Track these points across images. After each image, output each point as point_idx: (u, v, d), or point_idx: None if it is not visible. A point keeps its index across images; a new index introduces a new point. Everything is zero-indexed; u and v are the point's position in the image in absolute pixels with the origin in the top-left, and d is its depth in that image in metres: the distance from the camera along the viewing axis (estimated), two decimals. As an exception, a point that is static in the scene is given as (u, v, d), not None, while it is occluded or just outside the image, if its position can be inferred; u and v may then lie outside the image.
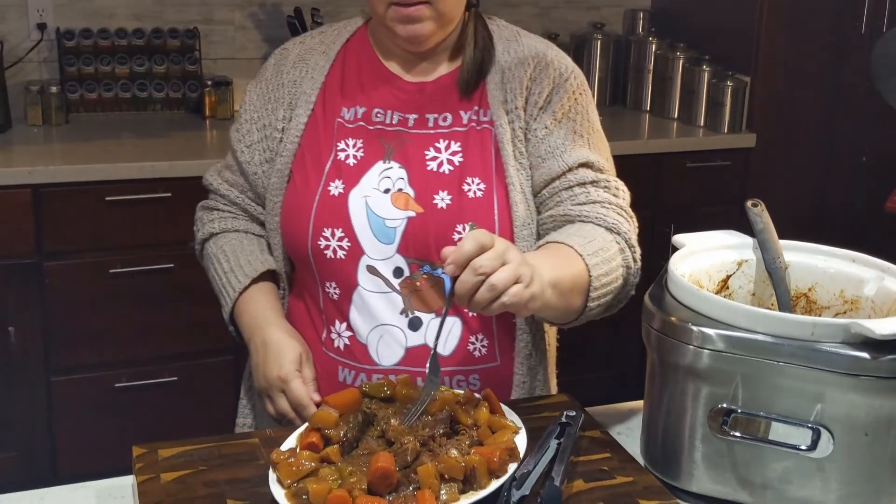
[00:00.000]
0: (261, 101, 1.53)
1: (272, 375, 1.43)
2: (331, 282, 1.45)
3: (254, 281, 1.50)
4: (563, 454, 1.17)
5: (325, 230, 1.42)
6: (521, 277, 1.17)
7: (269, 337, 1.45)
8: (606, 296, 1.35)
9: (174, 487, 1.14)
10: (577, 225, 1.39)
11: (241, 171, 1.55)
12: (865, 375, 1.09)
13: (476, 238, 1.15)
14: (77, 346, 2.78)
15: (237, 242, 1.56)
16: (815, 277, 1.36)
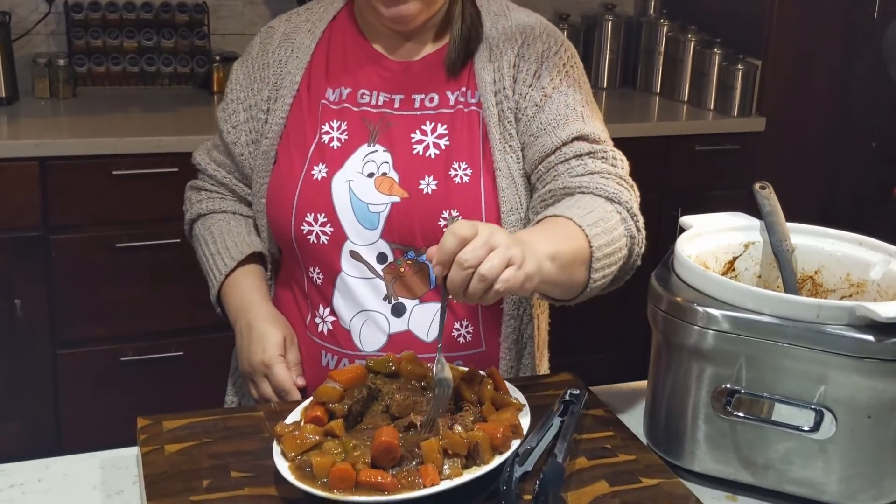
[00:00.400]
0: (247, 80, 1.52)
1: (256, 360, 1.43)
2: (314, 267, 1.44)
3: (240, 263, 1.50)
4: (567, 432, 1.17)
5: (307, 215, 1.41)
6: (513, 260, 1.12)
7: (254, 321, 1.45)
8: (611, 267, 1.31)
9: (178, 459, 1.15)
10: (576, 197, 1.36)
11: (228, 151, 1.54)
12: (870, 358, 1.09)
13: (455, 232, 1.09)
14: (83, 320, 2.79)
15: (224, 224, 1.55)
16: (821, 260, 1.35)
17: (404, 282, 1.42)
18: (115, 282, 2.79)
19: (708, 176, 3.37)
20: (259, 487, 1.09)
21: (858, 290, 1.32)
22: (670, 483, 1.14)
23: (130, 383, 2.85)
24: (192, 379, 2.86)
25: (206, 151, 1.60)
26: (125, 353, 2.84)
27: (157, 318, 2.85)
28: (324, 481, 1.04)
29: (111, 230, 2.76)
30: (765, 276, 1.37)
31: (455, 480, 1.06)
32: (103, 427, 2.72)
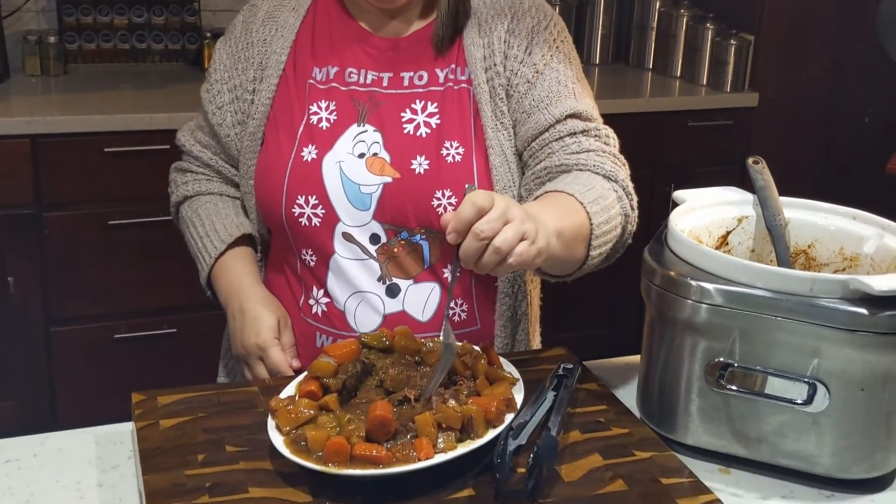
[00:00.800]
0: (231, 60, 1.49)
1: (250, 343, 1.42)
2: (306, 249, 1.43)
3: (230, 246, 1.48)
4: (560, 405, 1.17)
5: (298, 197, 1.39)
6: (527, 234, 1.12)
7: (246, 304, 1.44)
8: (606, 244, 1.32)
9: (173, 433, 1.15)
10: (574, 174, 1.36)
11: (214, 132, 1.52)
12: (863, 331, 1.09)
13: (474, 202, 1.09)
14: (76, 297, 2.79)
15: (212, 206, 1.53)
16: (814, 234, 1.36)
17: (398, 262, 1.41)
18: (108, 259, 2.78)
19: (701, 151, 3.37)
20: (254, 461, 1.09)
21: (852, 264, 1.32)
22: (663, 456, 1.14)
23: (124, 360, 2.85)
24: (185, 356, 2.86)
25: (190, 132, 1.58)
26: (118, 330, 2.84)
27: (149, 295, 2.85)
28: (319, 455, 1.04)
29: (103, 207, 2.76)
30: (758, 250, 1.38)
31: (449, 454, 1.06)
32: (97, 404, 2.72)
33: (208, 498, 1.03)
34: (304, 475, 1.05)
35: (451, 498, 1.04)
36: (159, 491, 1.04)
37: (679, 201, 1.36)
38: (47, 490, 1.13)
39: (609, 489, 1.07)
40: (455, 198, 1.37)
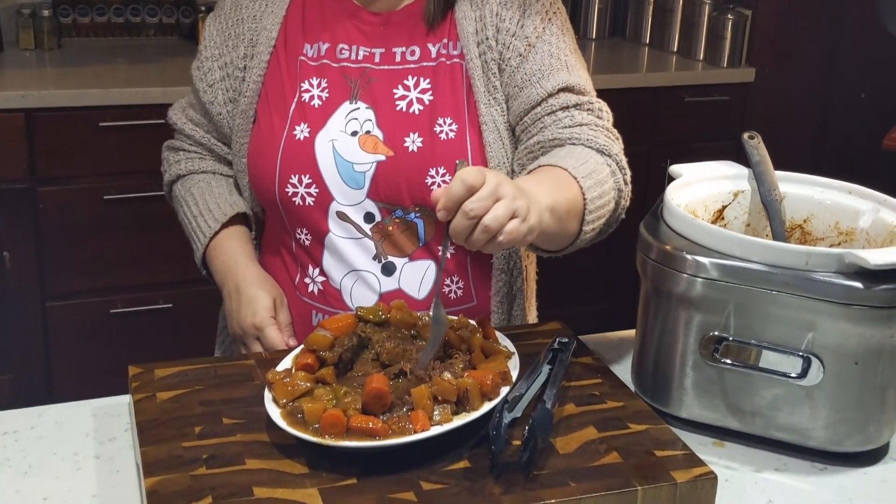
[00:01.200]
0: (221, 37, 1.48)
1: (246, 323, 1.42)
2: (301, 228, 1.43)
3: (224, 225, 1.48)
4: (555, 379, 1.18)
5: (291, 177, 1.39)
6: (518, 211, 1.10)
7: (242, 284, 1.44)
8: (600, 220, 1.31)
9: (170, 406, 1.15)
10: (567, 148, 1.35)
11: (205, 110, 1.50)
12: (858, 305, 1.10)
13: (464, 179, 1.06)
14: (72, 272, 2.79)
15: (205, 185, 1.52)
16: (810, 209, 1.36)
17: (393, 240, 1.41)
18: (104, 234, 2.78)
19: (697, 127, 3.37)
20: (251, 433, 1.10)
21: (847, 239, 1.32)
22: (658, 429, 1.15)
23: (120, 335, 2.85)
24: (181, 331, 2.86)
25: (181, 110, 1.56)
26: (114, 305, 2.84)
27: (145, 270, 2.85)
28: (315, 427, 1.05)
29: (98, 182, 2.75)
30: (754, 224, 1.38)
31: (445, 426, 1.06)
32: (93, 378, 2.73)
33: (205, 469, 1.03)
34: (301, 447, 1.06)
35: (446, 469, 1.05)
36: (157, 462, 1.04)
37: (675, 175, 1.36)
38: (45, 462, 1.13)
39: (603, 461, 1.08)
40: (449, 175, 1.36)
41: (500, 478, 1.03)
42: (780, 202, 1.35)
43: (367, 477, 1.03)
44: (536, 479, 1.04)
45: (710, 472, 1.07)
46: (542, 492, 1.02)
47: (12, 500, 1.06)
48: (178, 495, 0.99)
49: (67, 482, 1.10)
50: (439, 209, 1.08)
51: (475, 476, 1.04)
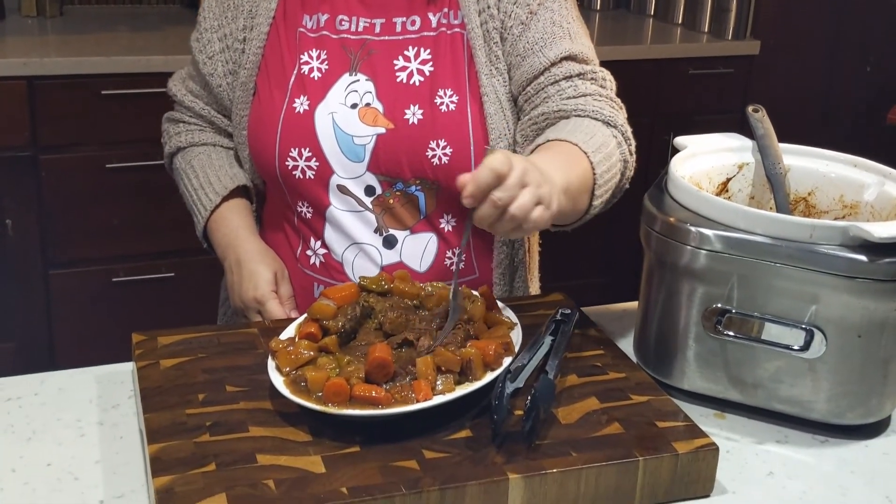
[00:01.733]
0: (220, 8, 1.46)
1: (248, 296, 1.42)
2: (302, 202, 1.42)
3: (225, 198, 1.47)
4: (558, 350, 1.18)
5: (291, 150, 1.38)
6: (542, 199, 1.10)
7: (243, 257, 1.44)
8: (607, 192, 1.31)
9: (173, 373, 1.15)
10: (574, 120, 1.34)
11: (205, 82, 1.49)
12: (862, 278, 1.10)
13: (493, 167, 1.04)
14: (74, 240, 2.79)
15: (205, 157, 1.52)
16: (815, 182, 1.35)
17: (393, 213, 1.41)
18: (106, 203, 2.78)
19: (701, 100, 3.35)
20: (254, 401, 1.10)
21: (852, 212, 1.32)
22: (659, 400, 1.15)
23: (122, 304, 2.86)
24: (184, 300, 2.86)
25: (181, 81, 1.55)
26: (116, 273, 2.84)
27: (147, 239, 2.85)
28: (318, 395, 1.05)
29: (101, 150, 2.74)
30: (758, 197, 1.37)
31: (447, 395, 1.07)
32: (95, 347, 2.73)
33: (209, 436, 1.04)
34: (304, 415, 1.06)
35: (448, 438, 1.05)
36: (160, 429, 1.05)
37: (680, 147, 1.35)
38: (48, 428, 1.14)
39: (605, 432, 1.08)
40: (450, 148, 1.36)
41: (501, 447, 1.04)
42: (784, 175, 1.35)
43: (369, 445, 1.03)
44: (538, 449, 1.04)
45: (711, 443, 1.07)
46: (544, 461, 1.02)
47: (16, 466, 1.07)
48: (181, 462, 0.99)
49: (71, 448, 1.10)
50: (466, 196, 1.06)
51: (477, 445, 1.04)
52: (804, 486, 1.09)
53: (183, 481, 0.96)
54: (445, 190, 1.39)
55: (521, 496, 1.00)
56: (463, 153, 1.36)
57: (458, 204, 1.40)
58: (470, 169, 1.36)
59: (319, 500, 0.94)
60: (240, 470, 0.99)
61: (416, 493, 0.97)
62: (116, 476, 1.06)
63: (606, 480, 1.03)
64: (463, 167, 1.36)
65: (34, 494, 1.02)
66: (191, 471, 0.98)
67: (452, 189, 1.37)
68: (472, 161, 1.37)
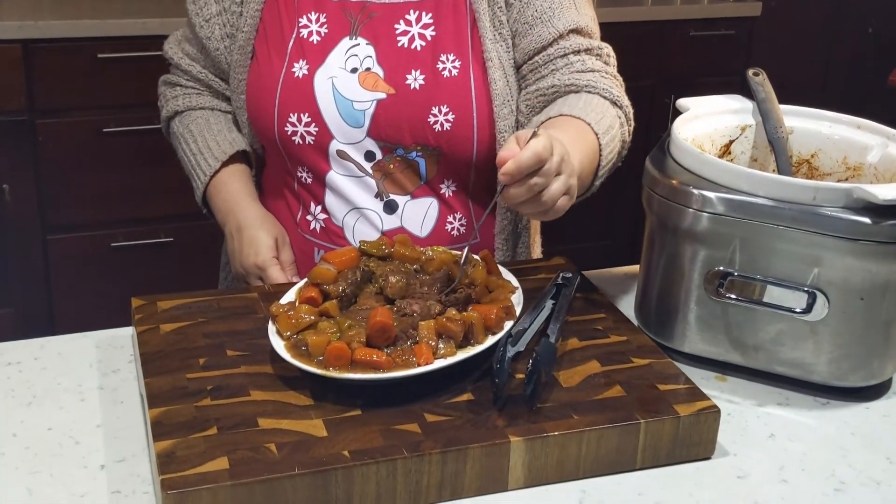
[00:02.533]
0: None
1: (249, 263, 1.41)
2: (301, 167, 1.41)
3: (224, 163, 1.46)
4: (559, 313, 1.18)
5: (290, 115, 1.37)
6: (570, 190, 1.13)
7: (244, 223, 1.43)
8: (606, 174, 1.34)
9: (174, 338, 1.15)
10: (585, 96, 1.34)
11: (202, 46, 1.47)
12: (865, 240, 1.09)
13: (537, 152, 1.06)
14: (72, 205, 2.78)
15: (203, 121, 1.50)
16: (818, 143, 1.34)
17: (394, 179, 1.40)
18: (103, 167, 2.77)
19: (702, 62, 3.33)
20: (254, 366, 1.10)
21: (855, 174, 1.31)
22: (661, 363, 1.15)
23: (121, 269, 2.85)
24: (183, 265, 2.86)
25: (177, 43, 1.53)
26: (115, 238, 2.84)
27: (146, 203, 2.84)
28: (319, 359, 1.05)
29: (97, 115, 2.73)
30: (761, 159, 1.37)
31: (449, 359, 1.06)
32: (95, 312, 2.73)
33: (210, 401, 1.04)
34: (305, 379, 1.06)
35: (450, 402, 1.05)
36: (161, 394, 1.04)
37: (682, 109, 1.34)
38: (49, 392, 1.13)
39: (606, 395, 1.08)
40: (452, 114, 1.35)
41: (503, 410, 1.04)
42: (785, 139, 1.34)
43: (371, 409, 1.03)
44: (540, 412, 1.04)
45: (713, 405, 1.07)
46: (546, 424, 1.02)
47: (17, 431, 1.07)
48: (182, 426, 0.99)
49: (72, 413, 1.10)
50: (504, 173, 1.07)
51: (479, 409, 1.04)
52: (805, 448, 1.10)
53: (184, 445, 0.96)
54: (447, 156, 1.38)
55: (522, 459, 1.01)
56: (465, 120, 1.35)
57: (459, 170, 1.40)
58: (472, 136, 1.36)
59: (322, 464, 0.94)
60: (241, 434, 0.98)
61: (417, 456, 0.97)
62: (117, 440, 1.06)
63: (608, 443, 1.03)
64: (465, 134, 1.35)
65: (35, 459, 1.02)
66: (192, 435, 0.98)
67: (455, 156, 1.37)
68: (474, 128, 1.36)
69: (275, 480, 0.93)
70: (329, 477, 0.94)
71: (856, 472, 1.06)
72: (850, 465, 1.07)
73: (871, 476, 1.05)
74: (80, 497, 0.97)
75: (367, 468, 0.95)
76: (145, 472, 1.01)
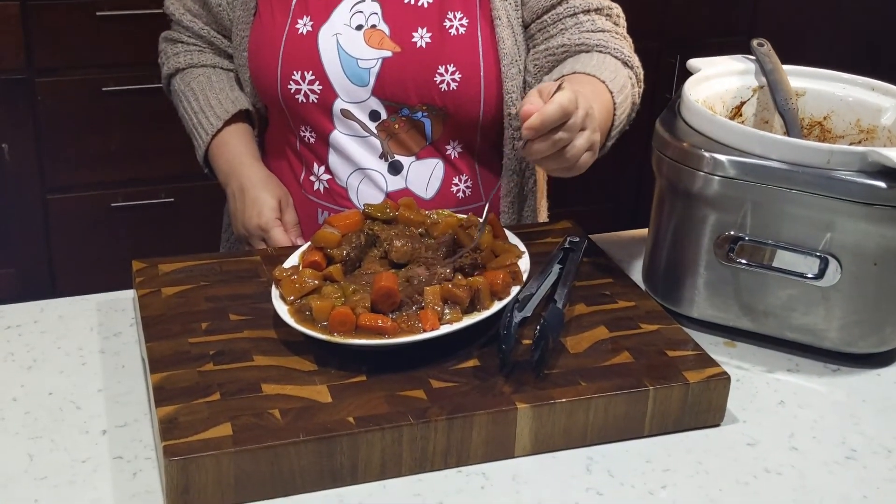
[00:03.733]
0: None
1: (252, 224, 1.39)
2: (305, 126, 1.39)
3: (226, 122, 1.43)
4: (566, 278, 1.16)
5: (294, 73, 1.34)
6: (593, 145, 1.11)
7: (246, 184, 1.41)
8: (617, 135, 1.32)
9: (175, 301, 1.13)
10: (597, 55, 1.32)
11: (204, 1, 1.45)
12: (880, 205, 1.07)
13: (563, 105, 1.04)
14: (72, 165, 2.75)
15: (205, 79, 1.47)
16: (831, 105, 1.32)
17: (399, 139, 1.37)
18: (103, 127, 2.74)
19: (708, 22, 3.28)
20: (258, 330, 1.08)
21: (868, 137, 1.29)
22: (670, 329, 1.13)
23: (121, 229, 2.84)
24: (184, 226, 2.84)
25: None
26: (115, 199, 2.82)
27: (146, 164, 2.82)
28: (324, 325, 1.03)
29: (97, 73, 2.70)
30: (772, 122, 1.34)
31: (455, 325, 1.05)
32: (96, 272, 2.72)
33: (213, 365, 1.02)
34: (309, 344, 1.05)
35: (456, 368, 1.04)
36: (163, 358, 1.03)
37: (692, 70, 1.32)
38: (49, 356, 1.12)
39: (615, 361, 1.07)
40: (459, 73, 1.32)
41: (510, 377, 1.02)
42: (796, 111, 1.31)
43: (376, 375, 1.02)
44: (547, 379, 1.03)
45: (723, 372, 1.05)
46: (553, 391, 1.01)
47: (17, 395, 1.05)
48: (185, 391, 0.98)
49: (72, 377, 1.09)
50: (528, 127, 1.05)
51: (485, 375, 1.03)
52: (815, 415, 1.08)
53: (187, 411, 0.95)
54: (453, 116, 1.35)
55: (529, 426, 0.99)
56: (473, 79, 1.33)
57: (465, 131, 1.38)
58: (479, 96, 1.33)
59: (326, 430, 0.93)
60: (245, 399, 0.97)
61: (423, 423, 0.96)
62: (119, 405, 1.05)
63: (616, 410, 1.02)
64: (472, 93, 1.33)
65: (36, 424, 1.01)
66: (195, 400, 0.97)
67: (461, 116, 1.34)
68: (481, 87, 1.33)
69: (279, 447, 0.92)
70: (334, 444, 0.93)
71: (867, 440, 1.05)
72: (861, 433, 1.06)
73: (882, 444, 1.04)
74: (81, 463, 0.96)
75: (373, 435, 0.94)
76: (147, 438, 1.00)
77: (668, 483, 0.97)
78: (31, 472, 0.95)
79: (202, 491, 0.91)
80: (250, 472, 0.91)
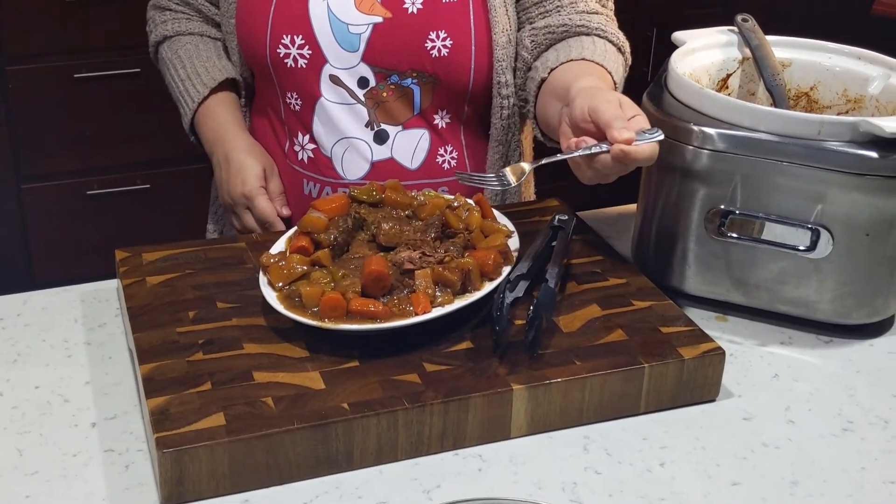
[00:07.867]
0: None
1: (236, 192, 1.38)
2: (292, 92, 1.37)
3: (213, 91, 1.42)
4: (557, 257, 1.15)
5: (283, 37, 1.33)
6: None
7: (231, 152, 1.39)
8: None
9: (161, 290, 1.11)
10: (600, 43, 1.32)
11: None
12: (871, 175, 1.07)
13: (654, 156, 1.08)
14: (46, 153, 2.71)
15: (192, 47, 1.46)
16: (817, 76, 1.31)
17: (386, 107, 1.36)
18: (77, 114, 2.70)
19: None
20: (247, 318, 1.07)
21: (855, 106, 1.28)
22: (662, 305, 1.12)
23: (98, 217, 2.80)
24: (161, 212, 2.81)
25: None
26: (90, 186, 2.78)
27: (121, 150, 2.78)
28: (314, 311, 1.02)
29: (69, 60, 2.65)
30: (759, 93, 1.33)
31: (447, 307, 1.04)
32: (74, 261, 2.69)
33: (202, 355, 1.00)
34: (300, 331, 1.03)
35: (449, 351, 1.03)
36: (151, 349, 1.01)
37: (678, 43, 1.30)
38: (34, 349, 1.10)
39: (608, 339, 1.06)
40: (450, 40, 1.31)
41: (504, 358, 1.01)
42: (783, 86, 1.30)
43: (368, 359, 1.00)
44: (541, 359, 1.02)
45: (717, 347, 1.05)
46: (548, 371, 1.00)
47: (3, 390, 1.03)
48: (175, 381, 0.96)
49: (59, 370, 1.07)
50: (626, 142, 1.06)
51: (479, 357, 1.02)
52: (810, 388, 1.08)
53: (178, 401, 0.93)
54: (443, 84, 1.34)
55: (525, 407, 0.98)
56: (463, 46, 1.31)
57: (454, 100, 1.36)
58: (469, 63, 1.32)
59: (321, 417, 0.92)
60: (237, 388, 0.96)
61: (419, 407, 0.94)
62: (108, 397, 1.03)
63: (611, 388, 1.01)
64: (462, 60, 1.32)
65: (24, 419, 0.99)
66: (185, 391, 0.95)
67: (451, 84, 1.33)
68: (472, 55, 1.32)
69: (273, 436, 0.90)
70: (329, 430, 0.92)
71: (863, 411, 1.05)
72: (858, 404, 1.06)
73: (878, 415, 1.04)
74: (72, 456, 0.94)
75: (368, 420, 0.93)
76: (138, 430, 0.98)
77: (666, 460, 0.97)
78: (22, 468, 0.93)
79: (196, 482, 0.89)
80: (245, 461, 0.90)
